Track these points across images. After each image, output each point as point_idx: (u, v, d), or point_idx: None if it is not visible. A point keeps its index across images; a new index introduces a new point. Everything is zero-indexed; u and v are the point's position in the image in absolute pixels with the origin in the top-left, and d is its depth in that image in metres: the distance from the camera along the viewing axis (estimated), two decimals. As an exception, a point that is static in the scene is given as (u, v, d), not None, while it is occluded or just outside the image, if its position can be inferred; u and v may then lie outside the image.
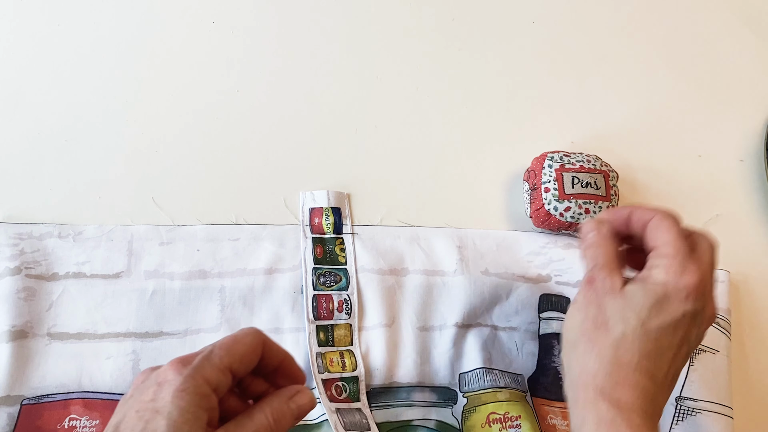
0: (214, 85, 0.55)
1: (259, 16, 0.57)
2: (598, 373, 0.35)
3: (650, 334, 0.35)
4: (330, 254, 0.49)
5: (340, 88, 0.56)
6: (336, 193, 0.51)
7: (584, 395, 0.35)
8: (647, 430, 0.34)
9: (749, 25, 0.63)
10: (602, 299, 0.37)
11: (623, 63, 0.60)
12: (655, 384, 0.35)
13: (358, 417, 0.44)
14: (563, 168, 0.50)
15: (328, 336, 0.47)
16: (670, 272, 0.36)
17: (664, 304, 0.35)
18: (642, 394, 0.35)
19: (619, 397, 0.34)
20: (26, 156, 0.50)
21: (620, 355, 0.35)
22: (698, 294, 0.36)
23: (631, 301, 0.36)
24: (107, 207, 0.49)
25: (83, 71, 0.54)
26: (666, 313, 0.35)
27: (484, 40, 0.60)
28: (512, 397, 0.46)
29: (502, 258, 0.51)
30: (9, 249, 0.46)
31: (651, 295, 0.35)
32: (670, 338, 0.36)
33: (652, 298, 0.35)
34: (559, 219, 0.49)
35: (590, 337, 0.36)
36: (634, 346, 0.35)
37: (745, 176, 0.58)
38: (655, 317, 0.35)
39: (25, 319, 0.45)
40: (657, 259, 0.37)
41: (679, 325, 0.36)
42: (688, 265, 0.36)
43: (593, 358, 0.35)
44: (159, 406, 0.29)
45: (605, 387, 0.35)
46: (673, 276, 0.36)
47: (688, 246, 0.37)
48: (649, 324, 0.35)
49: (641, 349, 0.35)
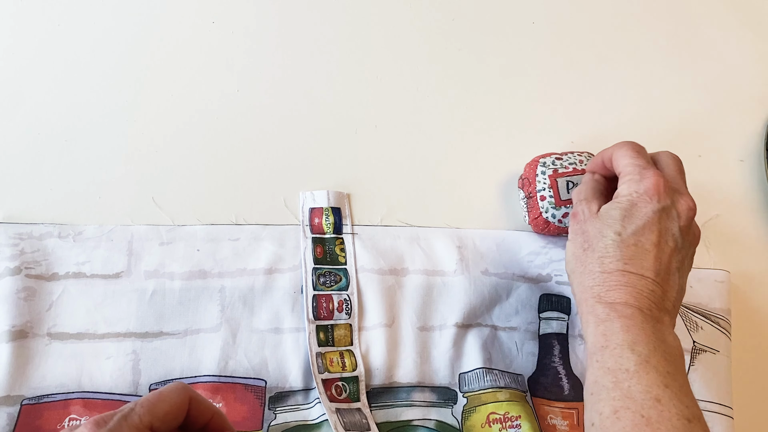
0: (214, 85, 0.55)
1: (259, 17, 0.57)
2: (593, 286, 0.40)
3: (627, 240, 0.40)
4: (330, 254, 0.49)
5: (340, 88, 0.56)
6: (336, 193, 0.51)
7: (585, 306, 0.40)
8: (640, 317, 0.38)
9: (749, 25, 0.63)
10: (584, 225, 0.42)
11: (623, 63, 0.60)
12: (648, 281, 0.39)
13: (358, 417, 0.44)
14: (557, 173, 0.50)
15: (328, 336, 0.47)
16: (631, 184, 0.41)
17: (633, 211, 0.40)
18: (633, 292, 0.39)
19: (612, 299, 0.39)
20: (26, 156, 0.50)
21: (606, 265, 0.40)
22: (660, 193, 0.40)
23: (606, 218, 0.41)
24: (107, 207, 0.49)
25: (83, 71, 0.54)
26: (636, 218, 0.40)
27: (484, 40, 0.60)
28: (512, 397, 0.46)
29: (502, 258, 0.51)
30: (9, 249, 0.46)
31: (619, 208, 0.41)
32: (647, 238, 0.40)
33: (621, 209, 0.41)
34: (558, 225, 0.49)
35: (582, 260, 0.42)
36: (616, 254, 0.40)
37: (745, 176, 0.58)
38: (628, 225, 0.40)
39: (25, 319, 0.45)
40: (621, 179, 0.42)
41: (652, 225, 0.40)
42: (644, 173, 0.41)
43: (587, 275, 0.41)
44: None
45: (600, 294, 0.40)
46: (634, 185, 0.41)
47: (646, 161, 0.42)
48: (624, 232, 0.40)
49: (623, 255, 0.40)
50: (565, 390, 0.48)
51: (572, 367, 0.49)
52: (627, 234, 0.40)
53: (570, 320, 0.50)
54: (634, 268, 0.39)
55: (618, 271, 0.40)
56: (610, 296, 0.39)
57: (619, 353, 0.37)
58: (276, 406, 0.45)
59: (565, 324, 0.50)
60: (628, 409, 0.35)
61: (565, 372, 0.49)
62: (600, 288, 0.40)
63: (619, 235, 0.40)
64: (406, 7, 0.60)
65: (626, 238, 0.40)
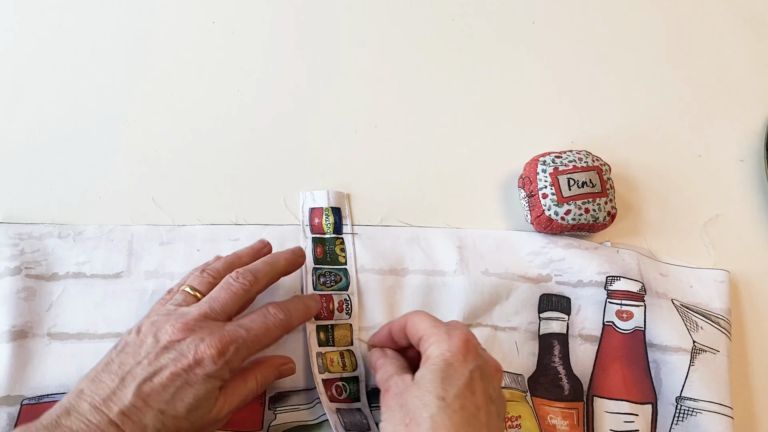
0: (214, 85, 0.55)
1: (259, 17, 0.57)
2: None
3: (453, 404, 0.36)
4: (330, 254, 0.49)
5: (340, 88, 0.56)
6: (336, 193, 0.51)
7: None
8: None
9: (749, 25, 0.63)
10: (401, 398, 0.37)
11: (623, 63, 0.60)
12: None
13: (359, 417, 0.44)
14: (557, 171, 0.50)
15: (329, 336, 0.47)
16: (440, 343, 0.38)
17: (450, 371, 0.37)
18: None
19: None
20: (26, 156, 0.50)
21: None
22: (472, 351, 0.38)
23: (424, 384, 0.37)
24: (107, 207, 0.49)
25: (83, 71, 0.54)
26: (454, 378, 0.37)
27: (484, 40, 0.60)
28: (512, 397, 0.46)
29: (502, 258, 0.51)
30: (9, 249, 0.46)
31: (436, 370, 0.37)
32: (470, 401, 0.37)
33: (438, 371, 0.37)
34: (561, 223, 0.49)
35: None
36: (446, 424, 0.35)
37: (745, 176, 0.58)
38: (448, 387, 0.36)
39: (25, 319, 0.45)
40: (426, 342, 0.39)
41: (473, 385, 0.37)
42: (451, 331, 0.39)
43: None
44: (192, 380, 0.36)
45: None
46: (444, 344, 0.38)
47: (444, 324, 0.40)
48: (447, 396, 0.36)
49: (453, 424, 0.35)
50: (565, 390, 0.48)
51: (572, 367, 0.49)
52: (450, 398, 0.36)
53: (570, 320, 0.50)
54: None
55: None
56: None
57: None
58: (276, 406, 0.45)
59: (565, 324, 0.50)
60: None
61: (565, 372, 0.49)
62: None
63: (442, 399, 0.36)
64: (406, 7, 0.60)
65: (451, 402, 0.36)
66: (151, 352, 0.37)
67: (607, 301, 0.50)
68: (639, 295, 0.50)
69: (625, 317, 0.50)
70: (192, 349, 0.37)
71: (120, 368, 0.37)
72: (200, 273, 0.43)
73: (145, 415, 0.35)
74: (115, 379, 0.36)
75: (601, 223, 0.50)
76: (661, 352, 0.49)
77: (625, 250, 0.52)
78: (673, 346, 0.49)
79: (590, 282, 0.50)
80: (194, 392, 0.36)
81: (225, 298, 0.40)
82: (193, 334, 0.38)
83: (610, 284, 0.50)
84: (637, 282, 0.50)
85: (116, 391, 0.36)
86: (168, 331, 0.38)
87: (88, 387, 0.37)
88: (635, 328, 0.49)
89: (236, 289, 0.41)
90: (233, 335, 0.38)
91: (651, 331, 0.49)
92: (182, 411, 0.36)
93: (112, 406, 0.35)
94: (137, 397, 0.36)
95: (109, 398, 0.36)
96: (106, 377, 0.37)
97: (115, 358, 0.38)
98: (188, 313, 0.39)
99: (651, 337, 0.49)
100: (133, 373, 0.37)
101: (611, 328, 0.50)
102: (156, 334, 0.38)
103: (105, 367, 0.37)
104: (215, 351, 0.37)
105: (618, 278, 0.50)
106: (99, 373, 0.37)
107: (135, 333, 0.39)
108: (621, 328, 0.49)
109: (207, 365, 0.37)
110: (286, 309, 0.42)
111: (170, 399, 0.36)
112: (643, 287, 0.50)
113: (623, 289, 0.50)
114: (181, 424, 0.36)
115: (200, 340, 0.37)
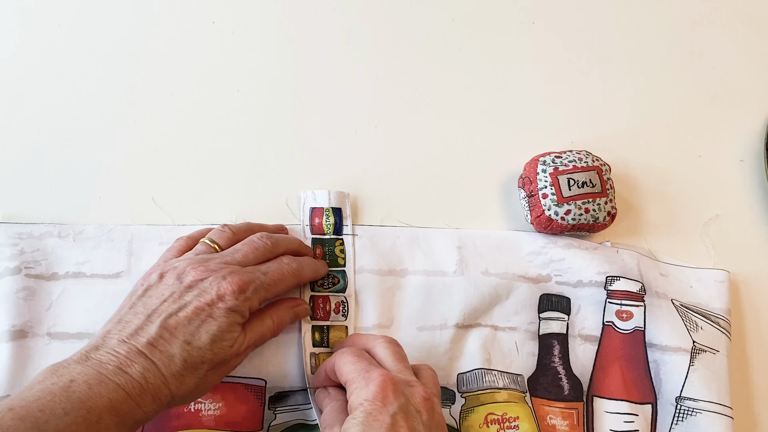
0: (214, 85, 0.55)
1: (259, 17, 0.57)
2: None
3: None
4: (329, 255, 0.49)
5: (340, 88, 0.56)
6: (337, 193, 0.51)
7: None
8: None
9: (749, 25, 0.63)
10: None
11: (623, 63, 0.60)
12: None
13: None
14: (557, 171, 0.50)
15: (324, 337, 0.47)
16: (359, 392, 0.37)
17: (371, 422, 0.35)
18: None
19: None
20: (26, 156, 0.50)
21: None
22: (390, 393, 0.36)
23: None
24: (107, 207, 0.49)
25: (83, 71, 0.54)
26: (376, 428, 0.35)
27: (484, 40, 0.60)
28: (511, 398, 0.46)
29: (502, 258, 0.51)
30: (9, 249, 0.46)
31: (358, 424, 0.36)
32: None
33: (360, 425, 0.36)
34: (561, 223, 0.49)
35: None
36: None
37: (745, 176, 0.58)
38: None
39: (24, 319, 0.45)
40: (349, 390, 0.38)
41: (398, 428, 0.35)
42: (368, 375, 0.38)
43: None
44: (214, 314, 0.39)
45: None
46: (363, 393, 0.37)
47: (368, 362, 0.39)
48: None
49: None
50: (565, 390, 0.48)
51: (572, 367, 0.49)
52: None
53: (570, 320, 0.50)
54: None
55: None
56: None
57: None
58: (276, 406, 0.45)
59: (565, 324, 0.50)
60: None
61: (565, 372, 0.49)
62: None
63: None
64: (406, 7, 0.60)
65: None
66: (175, 292, 0.40)
67: (607, 301, 0.50)
68: (639, 295, 0.50)
69: (624, 317, 0.50)
70: (215, 286, 0.39)
71: (145, 308, 0.39)
72: (221, 227, 0.46)
73: (172, 345, 0.37)
74: (141, 317, 0.38)
75: (601, 223, 0.50)
76: (661, 352, 0.49)
77: (625, 250, 0.52)
78: (672, 346, 0.49)
79: (590, 282, 0.50)
80: (217, 324, 0.39)
81: (247, 251, 0.43)
82: (214, 274, 0.40)
83: (610, 284, 0.50)
84: (636, 282, 0.50)
85: (143, 326, 0.38)
86: (190, 272, 0.40)
87: (114, 327, 0.38)
88: (635, 328, 0.49)
89: (258, 246, 0.44)
90: (252, 276, 0.41)
91: (651, 331, 0.49)
92: (206, 341, 0.38)
93: (139, 338, 0.37)
94: (163, 328, 0.38)
95: (136, 332, 0.38)
96: (131, 317, 0.39)
97: (137, 301, 0.40)
98: (210, 258, 0.42)
99: (651, 337, 0.49)
100: (158, 310, 0.39)
101: (611, 328, 0.50)
102: (179, 276, 0.40)
103: (129, 310, 0.39)
104: (236, 287, 0.40)
105: (618, 278, 0.50)
106: (124, 315, 0.39)
107: (156, 277, 0.41)
108: (621, 328, 0.49)
109: (228, 300, 0.39)
110: (299, 261, 0.45)
111: (194, 331, 0.38)
112: (642, 287, 0.50)
113: (623, 289, 0.50)
114: (205, 355, 0.38)
115: (222, 278, 0.40)
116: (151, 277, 0.41)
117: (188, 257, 0.43)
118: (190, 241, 0.45)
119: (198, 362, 0.38)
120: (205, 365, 0.38)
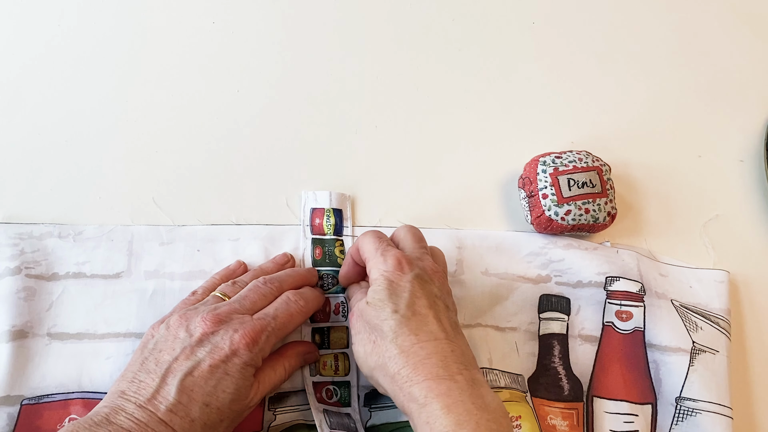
0: (214, 85, 0.55)
1: (259, 17, 0.57)
2: (399, 370, 0.38)
3: (406, 313, 0.39)
4: (329, 256, 0.49)
5: (340, 88, 0.56)
6: (338, 194, 0.51)
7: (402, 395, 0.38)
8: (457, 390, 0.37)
9: (749, 25, 0.63)
10: (364, 318, 0.41)
11: (623, 63, 0.60)
12: (442, 342, 0.39)
13: (347, 421, 0.44)
14: (557, 171, 0.50)
15: (324, 338, 0.47)
16: (378, 266, 0.41)
17: (393, 287, 0.40)
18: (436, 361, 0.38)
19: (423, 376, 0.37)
20: (26, 156, 0.50)
21: (401, 344, 0.39)
22: (406, 265, 0.41)
23: (376, 303, 0.40)
24: (107, 207, 0.49)
25: (83, 71, 0.54)
26: (400, 290, 0.40)
27: (484, 40, 0.60)
28: (512, 398, 0.46)
29: (502, 258, 0.51)
30: (9, 249, 0.46)
31: (381, 289, 0.40)
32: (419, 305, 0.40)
33: (383, 289, 0.40)
34: (561, 223, 0.49)
35: (377, 352, 0.40)
36: (404, 331, 0.39)
37: (745, 176, 0.58)
38: (397, 300, 0.40)
39: (25, 319, 0.45)
40: (369, 266, 0.43)
41: (417, 292, 0.40)
42: (386, 254, 0.42)
43: (389, 363, 0.39)
44: (230, 370, 0.38)
45: (409, 376, 0.38)
46: (381, 266, 0.41)
47: (387, 243, 0.43)
48: (400, 309, 0.39)
49: (411, 329, 0.39)
50: (565, 390, 0.48)
51: (572, 368, 0.49)
52: (402, 308, 0.39)
53: (570, 321, 0.50)
54: (425, 336, 0.39)
55: (414, 345, 0.38)
56: (420, 374, 0.38)
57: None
58: (276, 407, 0.45)
59: (565, 324, 0.50)
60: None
61: (565, 372, 0.49)
62: (406, 369, 0.38)
63: (396, 312, 0.39)
64: (406, 7, 0.60)
65: (404, 312, 0.39)
66: (186, 347, 0.39)
67: (607, 301, 0.50)
68: (638, 295, 0.50)
69: (624, 317, 0.50)
70: (227, 340, 0.39)
71: (157, 366, 0.38)
72: (231, 284, 0.45)
73: (191, 410, 0.37)
74: (155, 378, 0.38)
75: (601, 224, 0.50)
76: (661, 353, 0.49)
77: (625, 251, 0.52)
78: (672, 347, 0.49)
79: (590, 282, 0.50)
80: (234, 382, 0.38)
81: (253, 297, 0.43)
82: (224, 326, 0.39)
83: (610, 284, 0.50)
84: (636, 282, 0.50)
85: (159, 389, 0.37)
86: (199, 323, 0.39)
87: (128, 388, 0.38)
88: (635, 328, 0.49)
89: (264, 291, 0.43)
90: (263, 324, 0.40)
91: (650, 331, 0.49)
92: (225, 402, 0.38)
93: (158, 404, 0.37)
94: (181, 392, 0.37)
95: (154, 397, 0.37)
96: (145, 376, 0.38)
97: (149, 356, 0.39)
98: (218, 307, 0.41)
99: (650, 337, 0.49)
100: (172, 369, 0.38)
101: (611, 329, 0.50)
102: (188, 328, 0.39)
103: (141, 367, 0.38)
104: (249, 340, 0.39)
105: (617, 278, 0.50)
106: (136, 374, 0.38)
107: (165, 328, 0.40)
108: (620, 328, 0.49)
109: (243, 354, 0.39)
110: (305, 297, 0.44)
111: (212, 391, 0.38)
112: (642, 287, 0.50)
113: (623, 289, 0.50)
114: (224, 414, 0.38)
115: (234, 330, 0.39)
116: (159, 329, 0.40)
117: (196, 308, 0.42)
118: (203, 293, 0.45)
119: (217, 422, 0.38)
120: (224, 423, 0.39)
